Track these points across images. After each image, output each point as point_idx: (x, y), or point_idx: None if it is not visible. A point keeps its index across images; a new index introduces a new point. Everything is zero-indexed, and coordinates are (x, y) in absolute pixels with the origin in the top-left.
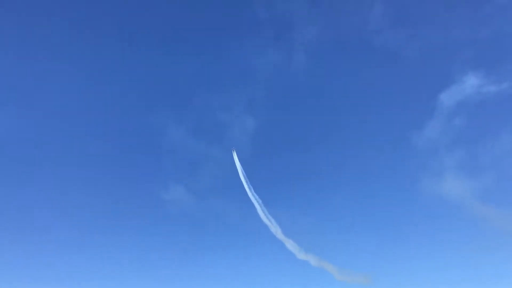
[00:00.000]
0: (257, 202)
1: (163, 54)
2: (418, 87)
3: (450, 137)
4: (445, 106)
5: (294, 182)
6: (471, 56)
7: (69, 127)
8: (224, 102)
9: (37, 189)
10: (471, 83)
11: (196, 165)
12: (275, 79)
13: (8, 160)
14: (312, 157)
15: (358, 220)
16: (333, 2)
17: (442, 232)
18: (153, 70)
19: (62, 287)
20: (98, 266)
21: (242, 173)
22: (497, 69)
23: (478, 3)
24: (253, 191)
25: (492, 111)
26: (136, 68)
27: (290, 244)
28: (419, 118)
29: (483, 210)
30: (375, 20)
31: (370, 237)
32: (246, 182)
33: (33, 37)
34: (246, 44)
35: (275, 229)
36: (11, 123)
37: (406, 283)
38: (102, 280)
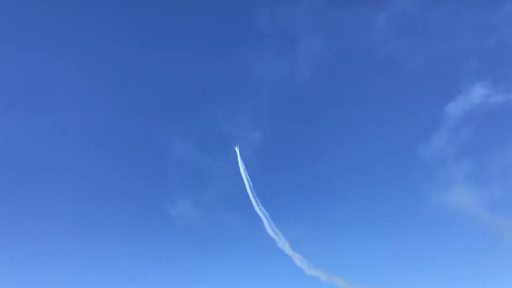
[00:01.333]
0: (264, 215)
1: (168, 67)
2: (424, 98)
3: (457, 148)
4: (452, 116)
5: (302, 195)
6: (477, 65)
7: (75, 141)
8: (230, 115)
9: (43, 203)
10: (478, 93)
11: (203, 179)
12: (280, 92)
13: (13, 173)
14: (319, 169)
15: (368, 233)
16: (337, 13)
17: (452, 244)
18: (157, 83)
19: None
20: (105, 280)
21: (249, 184)
22: (505, 78)
23: (482, 13)
24: (260, 204)
25: (500, 121)
26: (140, 82)
27: (298, 259)
28: (426, 129)
29: (493, 221)
30: (379, 31)
31: (380, 250)
32: (253, 195)
33: (39, 47)
34: (250, 57)
35: (283, 244)
36: (17, 131)
37: None
38: None
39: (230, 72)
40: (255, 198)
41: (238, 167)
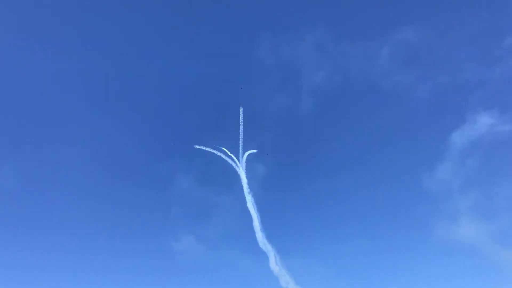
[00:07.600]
0: (270, 251)
1: (170, 100)
2: (429, 128)
3: (463, 179)
4: (458, 146)
5: (308, 229)
6: (482, 96)
7: (77, 177)
8: (232, 148)
9: (48, 241)
10: (483, 122)
11: (206, 214)
12: (284, 124)
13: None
14: (324, 202)
15: (375, 269)
16: (340, 45)
17: (459, 278)
18: (160, 116)
19: None
20: None
21: (257, 218)
22: (510, 108)
23: (485, 46)
24: (265, 238)
25: (507, 150)
26: (143, 115)
27: None
28: (430, 160)
29: (502, 254)
30: (383, 63)
31: (388, 286)
32: (260, 229)
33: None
34: (254, 89)
35: (287, 282)
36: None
37: None
38: None
39: (233, 104)
40: (261, 233)
41: (242, 201)
